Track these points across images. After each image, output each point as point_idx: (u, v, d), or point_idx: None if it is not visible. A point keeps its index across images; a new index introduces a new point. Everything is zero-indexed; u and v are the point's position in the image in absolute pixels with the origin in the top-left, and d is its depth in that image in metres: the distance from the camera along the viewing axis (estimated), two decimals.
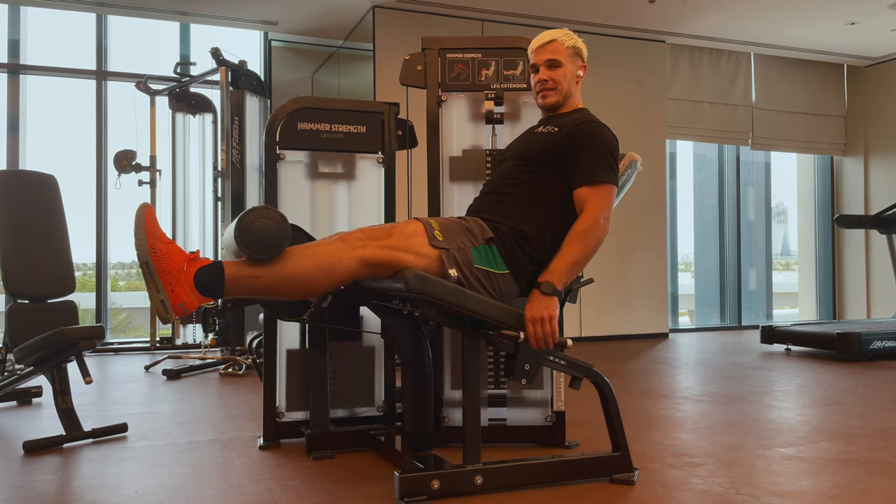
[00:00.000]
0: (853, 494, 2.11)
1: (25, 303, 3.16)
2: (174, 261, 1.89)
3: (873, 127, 7.76)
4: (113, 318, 6.88)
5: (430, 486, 2.04)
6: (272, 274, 1.96)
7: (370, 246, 2.01)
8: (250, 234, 1.92)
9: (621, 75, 6.62)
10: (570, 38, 2.35)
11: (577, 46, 2.35)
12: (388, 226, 2.12)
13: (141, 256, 1.86)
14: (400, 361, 2.52)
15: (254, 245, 1.93)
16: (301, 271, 1.97)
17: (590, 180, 2.16)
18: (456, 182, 2.78)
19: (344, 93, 6.73)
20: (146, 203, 1.90)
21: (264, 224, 1.93)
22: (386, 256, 2.01)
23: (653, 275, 6.71)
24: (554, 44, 2.33)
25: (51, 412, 3.22)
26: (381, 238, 2.04)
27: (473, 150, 2.78)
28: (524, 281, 2.20)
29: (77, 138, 6.47)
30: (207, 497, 2.14)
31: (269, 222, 1.94)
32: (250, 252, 1.93)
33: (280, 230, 1.95)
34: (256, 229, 1.93)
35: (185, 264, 1.90)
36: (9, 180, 3.25)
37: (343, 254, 1.99)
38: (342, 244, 2.01)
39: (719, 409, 3.40)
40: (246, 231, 1.92)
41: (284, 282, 1.97)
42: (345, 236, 2.05)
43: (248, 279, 1.94)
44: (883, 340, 5.06)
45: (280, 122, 2.76)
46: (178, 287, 1.88)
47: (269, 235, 1.94)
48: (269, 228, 1.93)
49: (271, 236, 1.94)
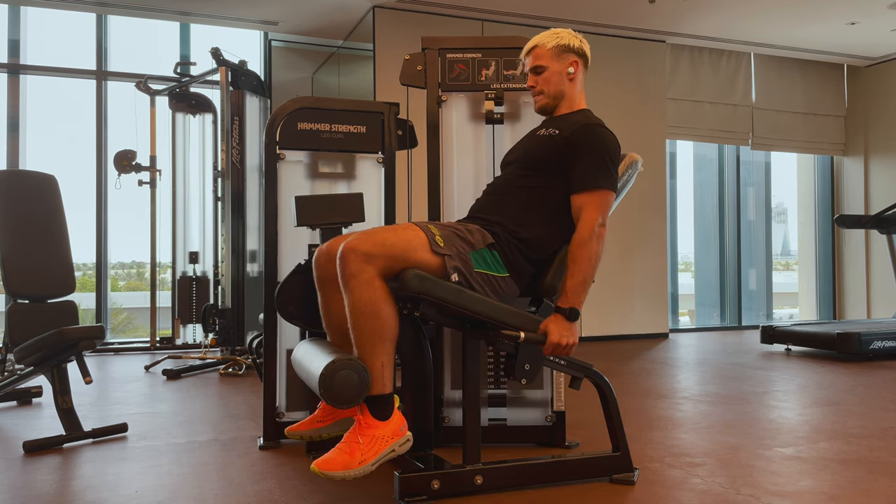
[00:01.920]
0: (853, 494, 2.11)
1: (25, 303, 3.16)
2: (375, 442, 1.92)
3: (873, 127, 7.76)
4: (113, 318, 6.88)
5: (430, 486, 2.04)
6: (381, 356, 1.94)
7: (373, 262, 1.95)
8: (333, 389, 1.87)
9: (621, 75, 6.62)
10: (554, 38, 2.31)
11: (562, 44, 2.30)
12: (382, 235, 2.02)
13: None
14: (400, 361, 2.52)
15: (341, 400, 1.88)
16: (367, 338, 1.94)
17: (586, 186, 2.15)
18: (456, 182, 2.78)
19: (344, 93, 6.73)
20: None
21: (347, 376, 1.87)
22: (392, 267, 1.99)
23: (653, 275, 6.71)
24: (536, 49, 2.33)
25: (51, 412, 3.22)
26: (380, 251, 1.97)
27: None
28: (524, 282, 2.21)
29: (77, 138, 6.47)
30: (207, 497, 2.14)
31: (351, 374, 1.88)
32: (335, 405, 1.91)
33: (360, 378, 1.88)
34: (340, 382, 1.87)
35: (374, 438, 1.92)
36: (9, 180, 3.25)
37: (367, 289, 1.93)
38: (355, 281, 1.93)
39: (719, 409, 3.40)
40: (329, 388, 1.87)
41: (388, 346, 1.96)
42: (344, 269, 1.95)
43: (381, 373, 1.94)
44: (883, 340, 5.06)
45: (280, 122, 2.76)
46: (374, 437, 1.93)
47: (352, 386, 1.88)
48: (352, 380, 1.88)
49: (353, 386, 1.88)
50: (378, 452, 1.89)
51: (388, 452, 1.91)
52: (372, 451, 1.89)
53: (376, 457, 1.89)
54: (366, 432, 1.91)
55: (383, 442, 1.90)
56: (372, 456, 1.88)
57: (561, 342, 2.06)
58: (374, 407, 1.93)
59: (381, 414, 1.93)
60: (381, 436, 1.91)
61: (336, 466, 1.86)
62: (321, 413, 2.24)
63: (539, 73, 2.32)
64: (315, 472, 1.86)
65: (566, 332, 2.07)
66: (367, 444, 1.89)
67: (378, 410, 1.93)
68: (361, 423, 1.92)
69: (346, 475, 1.86)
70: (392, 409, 1.96)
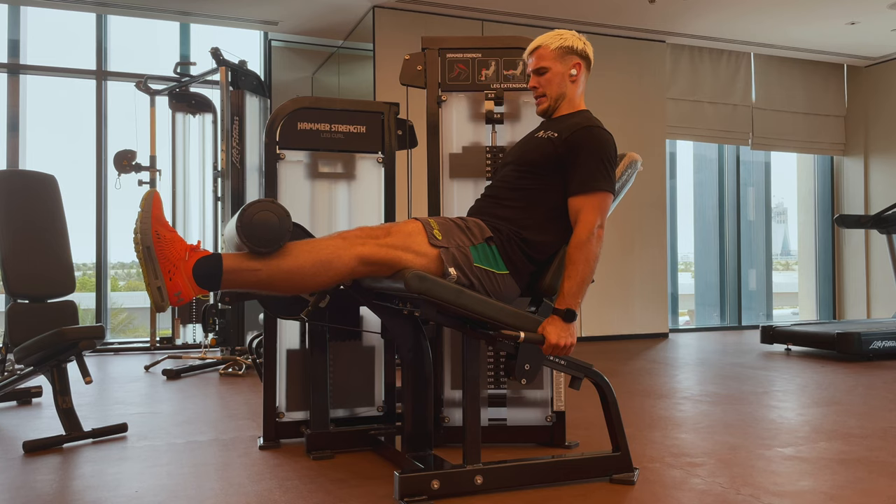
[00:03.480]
0: (853, 494, 2.11)
1: (25, 303, 3.16)
2: (176, 249, 1.89)
3: (873, 127, 7.76)
4: (113, 318, 6.88)
5: (430, 486, 2.04)
6: (270, 268, 1.96)
7: (369, 244, 2.01)
8: (252, 226, 1.93)
9: (621, 75, 6.62)
10: (558, 40, 2.31)
11: (565, 46, 2.30)
12: (387, 225, 2.12)
13: (144, 240, 1.86)
14: (400, 361, 2.52)
15: (255, 237, 1.93)
16: (299, 266, 1.97)
17: (584, 189, 2.15)
18: (456, 181, 2.78)
19: (344, 93, 6.73)
20: (154, 189, 1.91)
21: (266, 217, 1.94)
22: (385, 255, 2.01)
23: (653, 275, 6.71)
24: (539, 50, 2.33)
25: (51, 412, 3.22)
26: (381, 236, 2.05)
27: (473, 147, 2.78)
28: (524, 282, 2.21)
29: (77, 138, 6.47)
30: (207, 497, 2.14)
31: (271, 215, 1.95)
32: (251, 244, 1.94)
33: (281, 224, 1.96)
34: (258, 222, 1.94)
35: (187, 254, 1.90)
36: (9, 180, 3.25)
37: (342, 251, 1.99)
38: (341, 241, 2.02)
39: (719, 409, 3.40)
40: (248, 223, 1.93)
41: (282, 276, 1.97)
42: (344, 234, 2.06)
43: (246, 272, 1.95)
44: (883, 340, 5.06)
45: (280, 122, 2.76)
46: (176, 276, 1.88)
47: (271, 229, 1.95)
48: (270, 221, 1.94)
49: (272, 229, 1.95)
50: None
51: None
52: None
53: None
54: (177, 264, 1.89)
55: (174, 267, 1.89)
56: None
57: (559, 343, 2.06)
58: (201, 266, 1.91)
59: (205, 281, 1.91)
60: (180, 270, 1.90)
61: None
62: None
63: (541, 74, 2.32)
64: None
65: (564, 333, 2.08)
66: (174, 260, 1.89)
67: (201, 273, 1.91)
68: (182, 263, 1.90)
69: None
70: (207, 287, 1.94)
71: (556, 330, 2.07)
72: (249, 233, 1.93)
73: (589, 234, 2.12)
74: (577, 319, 2.12)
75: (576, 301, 2.10)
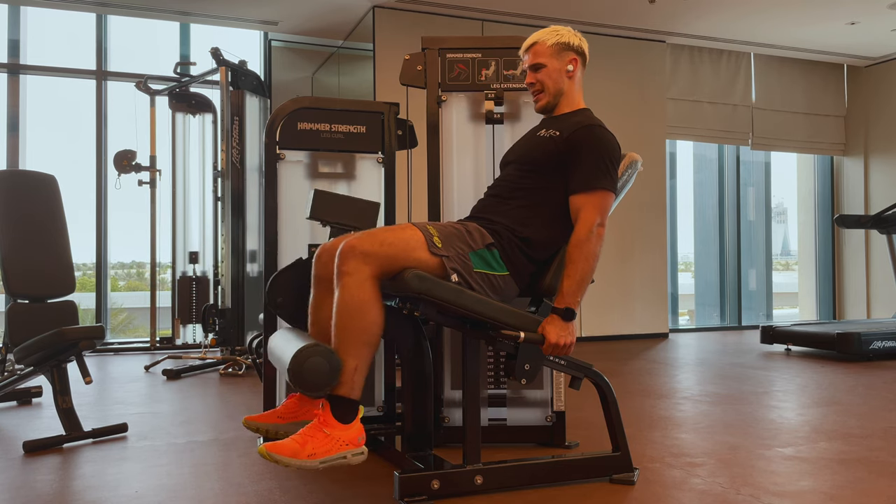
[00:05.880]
0: (853, 494, 2.11)
1: (25, 303, 3.15)
2: (320, 440, 1.87)
3: (873, 127, 7.76)
4: (113, 318, 6.88)
5: (430, 486, 2.04)
6: (357, 359, 1.93)
7: (371, 263, 1.96)
8: (302, 374, 1.87)
9: (621, 75, 6.62)
10: (554, 36, 2.30)
11: (561, 42, 2.30)
12: (382, 235, 2.03)
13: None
14: (400, 361, 2.52)
15: (307, 384, 1.88)
16: (352, 329, 1.93)
17: (585, 187, 2.15)
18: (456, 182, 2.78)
19: (344, 93, 6.73)
20: None
21: (316, 364, 1.88)
22: (390, 267, 1.99)
23: (653, 275, 6.71)
24: (535, 46, 2.32)
25: (51, 412, 3.22)
26: (378, 250, 1.97)
27: None
28: (524, 282, 2.20)
29: (77, 138, 6.47)
30: (207, 497, 2.14)
31: (320, 360, 1.88)
32: (304, 391, 1.90)
33: (331, 366, 1.89)
34: (309, 369, 1.87)
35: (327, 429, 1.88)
36: (9, 180, 3.25)
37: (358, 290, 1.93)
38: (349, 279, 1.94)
39: (719, 409, 3.40)
40: (298, 372, 1.86)
41: (365, 351, 1.95)
42: (341, 266, 1.96)
43: (351, 375, 1.92)
44: (883, 340, 5.06)
45: (280, 122, 2.76)
46: (338, 439, 1.88)
47: (321, 374, 1.88)
48: (320, 367, 1.88)
49: (322, 375, 1.88)
50: (329, 452, 1.84)
51: (339, 457, 1.85)
52: (324, 448, 1.84)
53: (326, 456, 1.83)
54: (322, 429, 1.86)
55: (338, 445, 1.86)
56: (323, 453, 1.83)
57: (559, 342, 2.06)
58: (336, 407, 1.89)
59: (343, 416, 1.89)
60: (338, 438, 1.86)
61: (284, 452, 1.81)
62: (284, 409, 2.17)
63: (538, 70, 2.32)
64: (262, 453, 1.81)
65: (563, 333, 2.07)
66: (321, 440, 1.85)
67: (340, 412, 1.89)
68: (320, 419, 1.88)
69: (290, 463, 1.81)
70: (355, 416, 1.92)
71: (556, 329, 2.07)
72: (300, 381, 1.88)
73: (588, 233, 2.11)
74: (576, 319, 2.11)
75: (575, 300, 2.10)
